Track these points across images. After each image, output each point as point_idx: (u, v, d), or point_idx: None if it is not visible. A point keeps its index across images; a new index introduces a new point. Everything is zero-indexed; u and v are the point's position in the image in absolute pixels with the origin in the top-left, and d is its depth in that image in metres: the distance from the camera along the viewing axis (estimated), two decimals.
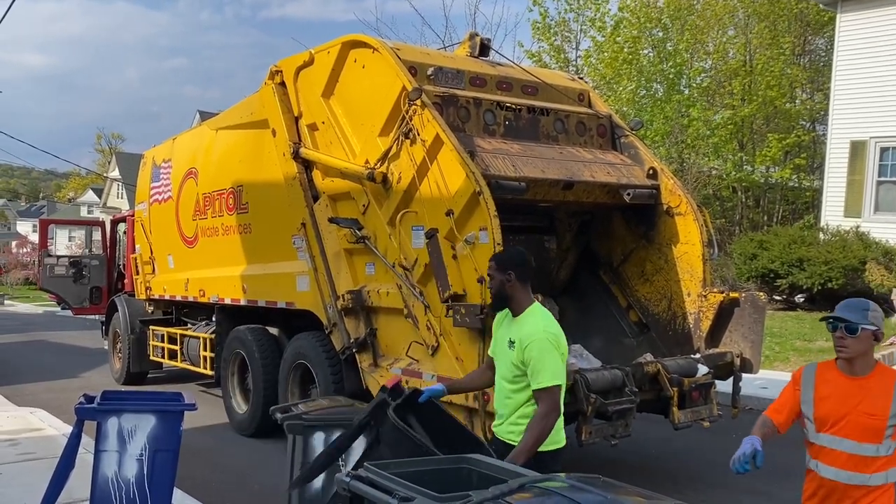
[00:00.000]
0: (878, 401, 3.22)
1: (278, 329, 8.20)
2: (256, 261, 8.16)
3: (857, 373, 3.29)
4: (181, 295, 9.97)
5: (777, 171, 22.75)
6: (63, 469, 4.62)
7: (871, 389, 3.25)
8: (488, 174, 5.59)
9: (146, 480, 4.56)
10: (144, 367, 11.37)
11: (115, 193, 54.90)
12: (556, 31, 23.61)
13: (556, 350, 3.69)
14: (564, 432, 3.89)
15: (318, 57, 7.00)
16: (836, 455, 3.28)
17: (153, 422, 4.59)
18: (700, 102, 22.05)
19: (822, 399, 3.34)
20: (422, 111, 5.74)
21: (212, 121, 9.53)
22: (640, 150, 6.99)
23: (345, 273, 6.69)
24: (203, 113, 37.13)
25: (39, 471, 5.79)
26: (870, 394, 3.24)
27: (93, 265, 13.45)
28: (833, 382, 3.33)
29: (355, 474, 2.78)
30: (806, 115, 24.57)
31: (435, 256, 5.58)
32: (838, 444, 3.28)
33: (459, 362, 5.52)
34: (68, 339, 18.12)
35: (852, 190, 16.31)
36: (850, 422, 3.24)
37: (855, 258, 14.33)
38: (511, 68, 7.10)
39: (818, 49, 25.52)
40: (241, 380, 8.43)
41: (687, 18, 22.99)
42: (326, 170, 6.89)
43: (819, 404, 3.34)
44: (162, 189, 10.47)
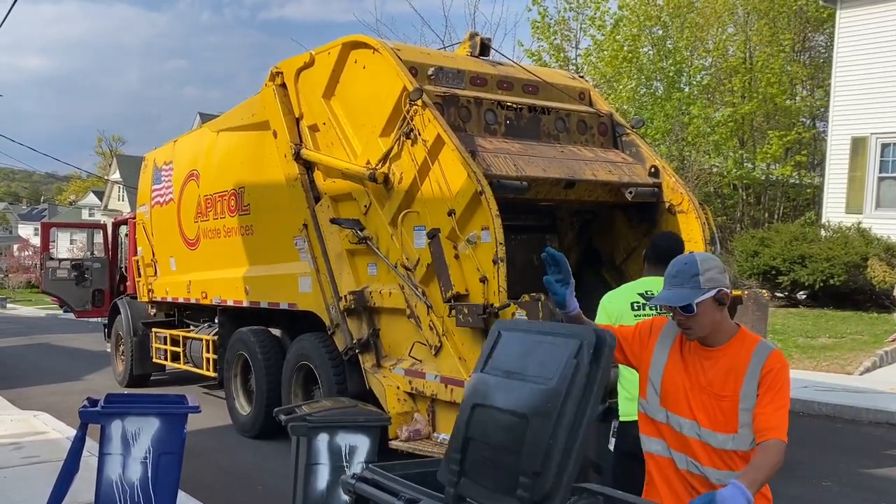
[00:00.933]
0: (729, 377, 2.67)
1: (281, 330, 8.20)
2: (258, 262, 8.16)
3: (710, 344, 2.74)
4: (183, 297, 9.97)
5: (778, 168, 22.74)
6: (67, 472, 4.62)
7: (725, 363, 2.71)
8: (490, 174, 5.58)
9: (150, 483, 4.56)
10: (147, 370, 11.37)
11: (116, 196, 54.94)
12: (556, 30, 23.61)
13: (601, 309, 4.18)
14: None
15: (318, 58, 7.00)
16: (684, 440, 2.74)
17: (157, 424, 4.58)
18: (700, 100, 22.04)
19: (673, 368, 2.79)
20: (423, 111, 5.74)
21: (213, 123, 9.53)
22: (642, 148, 6.98)
23: (347, 274, 6.69)
24: (203, 115, 37.17)
25: (43, 474, 5.79)
26: (722, 369, 2.70)
27: (95, 268, 13.46)
28: (689, 352, 2.79)
29: (360, 476, 2.78)
30: (806, 111, 24.55)
31: (437, 256, 5.58)
32: (689, 429, 2.72)
33: (463, 362, 5.52)
34: (71, 342, 18.14)
35: (853, 186, 16.30)
36: (698, 403, 2.71)
37: (856, 254, 14.32)
38: (511, 67, 7.09)
39: (818, 45, 25.50)
40: (245, 381, 8.43)
41: (686, 16, 22.98)
42: (328, 171, 6.88)
43: (668, 373, 2.79)
44: (163, 191, 10.47)
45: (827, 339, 12.49)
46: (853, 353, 11.33)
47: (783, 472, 5.49)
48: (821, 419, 8.66)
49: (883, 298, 14.54)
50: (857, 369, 10.61)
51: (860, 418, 8.51)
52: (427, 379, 5.75)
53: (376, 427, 4.99)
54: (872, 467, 6.93)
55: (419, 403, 5.93)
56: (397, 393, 5.99)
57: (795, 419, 4.98)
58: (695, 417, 2.71)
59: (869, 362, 10.80)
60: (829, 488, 6.37)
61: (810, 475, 6.60)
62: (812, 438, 7.82)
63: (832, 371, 10.73)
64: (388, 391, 6.00)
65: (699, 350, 2.77)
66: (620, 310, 4.11)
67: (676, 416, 2.76)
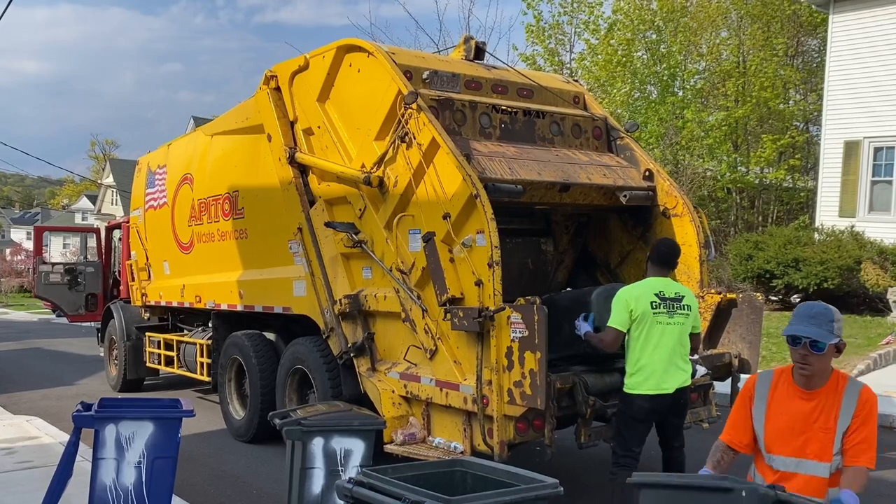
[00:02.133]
0: (831, 413, 3.04)
1: (275, 334, 8.18)
2: (253, 266, 8.14)
3: (812, 387, 3.08)
4: (177, 301, 9.95)
5: (771, 171, 22.81)
6: (60, 477, 4.59)
7: (826, 402, 3.06)
8: (485, 177, 5.58)
9: (145, 488, 4.54)
10: (141, 374, 11.34)
11: (109, 200, 54.78)
12: (550, 34, 23.65)
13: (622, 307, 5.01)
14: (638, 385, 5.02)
15: (313, 61, 6.99)
16: (793, 478, 3.04)
17: (151, 429, 4.57)
18: (694, 104, 22.09)
19: (776, 416, 3.11)
20: (417, 115, 5.74)
21: (207, 126, 9.51)
22: (636, 152, 7.00)
23: (342, 277, 6.68)
24: (197, 118, 37.09)
25: (37, 479, 5.76)
26: (825, 408, 3.06)
27: (88, 272, 13.41)
28: (788, 396, 3.11)
29: (356, 480, 2.77)
30: (800, 115, 24.64)
31: (432, 260, 5.58)
32: (795, 466, 3.06)
33: (458, 366, 5.51)
34: (64, 347, 18.06)
35: (847, 190, 16.35)
36: (807, 440, 3.04)
37: (850, 258, 14.37)
38: (506, 71, 7.10)
39: (811, 50, 25.61)
40: (239, 386, 8.41)
41: (680, 20, 23.04)
42: (322, 174, 6.88)
43: (771, 421, 3.12)
44: (157, 195, 10.45)
45: None
46: (847, 356, 11.36)
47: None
48: None
49: (877, 301, 14.59)
50: (852, 372, 10.63)
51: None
52: (422, 382, 5.74)
53: (371, 431, 4.98)
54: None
55: (414, 407, 5.92)
56: (392, 397, 5.98)
57: None
58: (796, 454, 3.08)
59: (863, 365, 10.84)
60: None
61: None
62: None
63: None
64: (383, 395, 5.98)
65: (798, 392, 3.12)
66: (643, 310, 4.97)
67: (780, 456, 3.12)
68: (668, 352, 5.01)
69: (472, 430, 5.37)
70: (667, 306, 5.03)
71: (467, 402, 5.32)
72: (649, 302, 4.99)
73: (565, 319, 5.48)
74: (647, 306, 4.98)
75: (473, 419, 5.32)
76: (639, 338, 5.00)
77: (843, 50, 16.53)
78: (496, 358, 5.11)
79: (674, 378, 5.03)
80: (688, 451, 7.13)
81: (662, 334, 5.00)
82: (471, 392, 5.27)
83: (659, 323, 5.00)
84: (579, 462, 6.89)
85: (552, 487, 2.97)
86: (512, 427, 5.15)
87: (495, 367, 5.11)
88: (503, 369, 5.08)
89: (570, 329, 5.42)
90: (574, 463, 6.84)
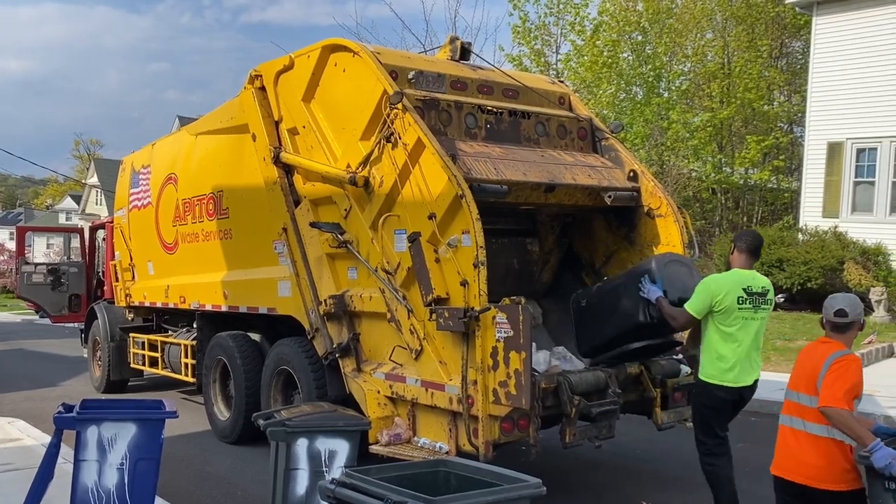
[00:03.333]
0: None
1: (260, 335, 8.15)
2: (237, 266, 8.10)
3: None
4: (162, 302, 9.89)
5: (756, 172, 22.97)
6: (42, 479, 4.56)
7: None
8: (470, 177, 5.58)
9: (127, 490, 4.51)
10: (125, 375, 11.26)
11: (93, 200, 54.38)
12: (537, 34, 23.71)
13: (707, 294, 5.03)
14: (717, 376, 5.06)
15: (298, 61, 6.97)
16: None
17: (134, 430, 4.54)
18: (679, 105, 22.22)
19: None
20: (403, 115, 5.73)
21: (191, 126, 9.46)
22: (621, 153, 7.02)
23: (327, 278, 6.66)
24: (182, 118, 36.88)
25: (18, 482, 5.71)
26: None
27: (71, 272, 13.31)
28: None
29: (339, 481, 2.77)
30: (784, 117, 24.83)
31: (418, 260, 5.57)
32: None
33: (443, 366, 5.51)
34: (47, 348, 17.91)
35: (830, 191, 16.50)
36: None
37: (833, 258, 14.50)
38: (492, 72, 7.11)
39: (795, 52, 25.82)
40: (224, 386, 8.37)
41: (665, 22, 23.16)
42: (307, 174, 6.86)
43: None
44: (141, 195, 10.38)
45: (805, 341, 12.61)
46: None
47: (757, 473, 5.54)
48: None
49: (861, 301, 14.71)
50: None
51: None
52: (408, 383, 5.74)
53: (356, 432, 4.98)
54: None
55: (399, 407, 5.91)
56: (377, 397, 5.97)
57: (773, 421, 5.03)
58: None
59: None
60: None
61: None
62: None
63: None
64: (369, 395, 5.98)
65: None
66: (729, 304, 4.98)
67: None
68: (748, 345, 5.06)
69: (457, 430, 5.37)
70: (752, 301, 5.04)
71: (452, 402, 5.32)
72: (737, 297, 4.99)
73: (617, 300, 5.72)
74: (734, 301, 4.98)
75: (459, 419, 5.32)
76: (720, 329, 5.03)
77: (826, 52, 16.68)
78: (481, 358, 5.12)
79: (751, 372, 5.11)
80: (672, 451, 7.16)
81: (744, 328, 5.03)
82: (456, 392, 5.28)
83: (743, 318, 5.03)
84: (564, 462, 6.91)
85: (535, 487, 2.98)
86: (497, 427, 5.15)
87: (480, 367, 5.11)
88: (488, 369, 5.09)
89: (627, 307, 5.62)
90: (559, 463, 6.86)
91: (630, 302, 5.63)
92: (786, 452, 4.10)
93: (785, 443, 4.12)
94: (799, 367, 4.14)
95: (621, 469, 6.90)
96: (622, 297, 5.70)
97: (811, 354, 4.12)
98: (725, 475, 5.19)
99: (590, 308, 6.03)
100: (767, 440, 3.74)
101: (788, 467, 4.07)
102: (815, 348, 4.16)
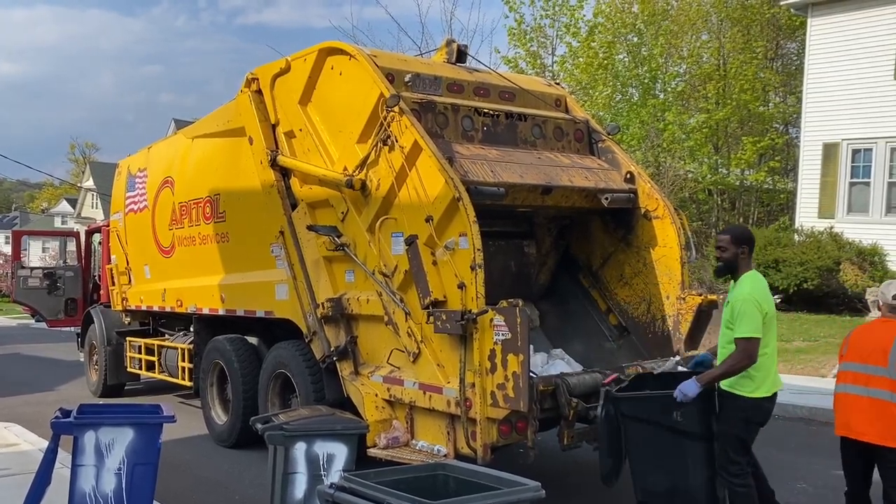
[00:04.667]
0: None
1: (258, 338, 8.14)
2: (234, 270, 8.09)
3: None
4: (158, 305, 9.87)
5: (752, 173, 23.01)
6: (39, 485, 4.54)
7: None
8: (467, 180, 5.59)
9: (125, 495, 4.50)
10: (122, 379, 11.24)
11: (89, 203, 54.31)
12: (532, 36, 23.72)
13: (757, 310, 4.58)
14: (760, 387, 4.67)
15: (294, 64, 6.97)
16: None
17: (131, 435, 4.53)
18: (675, 106, 22.25)
19: None
20: (400, 118, 5.73)
21: (188, 129, 9.45)
22: (618, 155, 7.03)
23: (324, 281, 6.65)
24: (178, 121, 36.86)
25: (15, 487, 5.68)
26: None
27: (67, 276, 13.26)
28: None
29: (339, 485, 2.76)
30: (779, 118, 24.89)
31: (415, 263, 5.57)
32: None
33: (441, 369, 5.51)
34: (43, 352, 17.85)
35: (825, 191, 16.54)
36: None
37: (829, 259, 14.53)
38: (488, 74, 7.12)
39: (790, 53, 25.89)
40: (221, 390, 8.35)
41: (661, 23, 23.20)
42: (304, 177, 6.85)
43: None
44: (137, 198, 10.36)
45: (801, 342, 12.65)
46: (827, 356, 11.47)
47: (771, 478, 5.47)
48: (796, 422, 8.75)
49: (855, 301, 14.76)
50: (832, 372, 10.72)
51: (835, 421, 8.58)
52: (405, 386, 5.74)
53: (354, 435, 4.97)
54: None
55: (397, 411, 5.90)
56: (375, 400, 5.97)
57: (771, 421, 5.03)
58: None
59: None
60: (805, 490, 6.44)
61: (786, 477, 6.66)
62: (787, 441, 7.90)
63: (807, 374, 10.86)
64: (367, 399, 5.97)
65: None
66: (770, 309, 4.74)
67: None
68: (775, 347, 4.84)
69: (455, 433, 5.36)
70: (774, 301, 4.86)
71: (450, 405, 5.31)
72: (772, 300, 4.81)
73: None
74: (773, 305, 4.78)
75: (457, 422, 5.32)
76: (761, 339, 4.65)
77: (821, 53, 16.73)
78: (479, 361, 5.11)
79: (778, 374, 4.87)
80: None
81: (770, 330, 4.73)
82: (454, 395, 5.27)
83: (773, 320, 4.80)
84: (562, 464, 6.90)
85: (534, 490, 2.98)
86: (495, 430, 5.15)
87: (478, 369, 5.11)
88: (486, 372, 5.09)
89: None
90: (557, 465, 6.85)
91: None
92: (849, 415, 4.78)
93: (848, 407, 4.79)
94: (861, 343, 4.82)
95: None
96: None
97: (874, 332, 4.85)
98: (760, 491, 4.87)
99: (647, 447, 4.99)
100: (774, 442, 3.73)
101: (854, 428, 4.76)
102: (876, 327, 4.91)
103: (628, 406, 4.91)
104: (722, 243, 4.91)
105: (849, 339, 4.96)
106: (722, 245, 4.90)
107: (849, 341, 4.93)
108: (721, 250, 4.91)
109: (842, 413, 4.87)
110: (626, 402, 4.92)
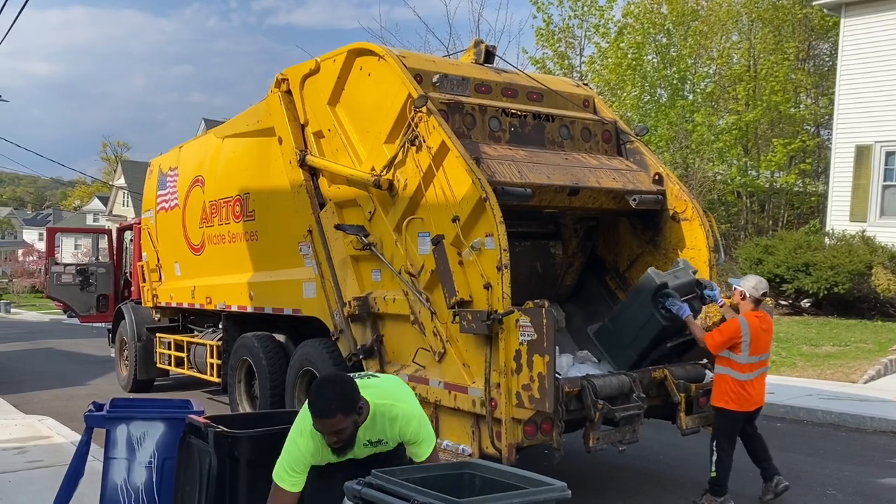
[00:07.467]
0: None
1: (285, 336, 8.21)
2: (263, 268, 8.18)
3: None
4: (188, 302, 10.00)
5: (782, 176, 22.74)
6: (72, 477, 4.64)
7: None
8: (494, 180, 5.60)
9: (155, 488, 4.58)
10: (151, 375, 11.40)
11: (120, 201, 55.07)
12: (560, 37, 23.65)
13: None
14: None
15: (323, 65, 7.03)
16: None
17: (162, 429, 4.60)
18: (704, 108, 22.07)
19: None
20: (427, 118, 5.76)
21: (218, 129, 9.57)
22: (646, 156, 6.99)
23: (351, 280, 6.70)
24: (208, 121, 37.28)
25: (48, 479, 5.81)
26: None
27: (99, 273, 13.50)
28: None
29: (366, 481, 2.79)
30: (811, 119, 24.55)
31: (441, 263, 5.59)
32: None
33: (466, 368, 5.52)
34: (75, 347, 18.17)
35: (858, 194, 16.28)
36: None
37: (861, 263, 14.30)
38: (516, 75, 7.11)
39: (822, 54, 25.52)
40: (248, 387, 8.44)
41: (690, 24, 23.02)
42: (333, 177, 6.91)
43: None
44: (168, 197, 10.51)
45: (831, 347, 12.47)
46: (857, 361, 11.31)
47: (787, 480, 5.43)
48: (825, 427, 8.64)
49: (887, 307, 14.52)
50: (862, 377, 10.59)
51: (864, 427, 8.48)
52: (431, 385, 5.76)
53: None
54: (877, 476, 6.91)
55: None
56: None
57: (800, 427, 4.99)
58: None
59: (873, 370, 10.78)
60: (834, 496, 6.36)
61: (815, 483, 6.59)
62: (816, 446, 7.80)
63: (836, 379, 10.71)
64: None
65: None
66: None
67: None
68: None
69: (480, 432, 5.38)
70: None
71: (475, 404, 5.33)
72: None
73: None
74: None
75: (482, 422, 5.33)
76: None
77: (854, 54, 16.47)
78: (504, 361, 5.12)
79: None
80: (696, 455, 7.12)
81: None
82: (479, 395, 5.28)
83: None
84: (588, 466, 6.89)
85: (560, 490, 2.98)
86: (520, 430, 5.16)
87: (504, 370, 5.12)
88: (511, 372, 5.09)
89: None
90: (582, 467, 6.84)
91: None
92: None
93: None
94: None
95: (645, 474, 6.86)
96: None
97: None
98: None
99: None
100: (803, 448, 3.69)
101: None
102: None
103: None
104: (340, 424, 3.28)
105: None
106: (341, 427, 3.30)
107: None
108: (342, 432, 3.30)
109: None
110: None
